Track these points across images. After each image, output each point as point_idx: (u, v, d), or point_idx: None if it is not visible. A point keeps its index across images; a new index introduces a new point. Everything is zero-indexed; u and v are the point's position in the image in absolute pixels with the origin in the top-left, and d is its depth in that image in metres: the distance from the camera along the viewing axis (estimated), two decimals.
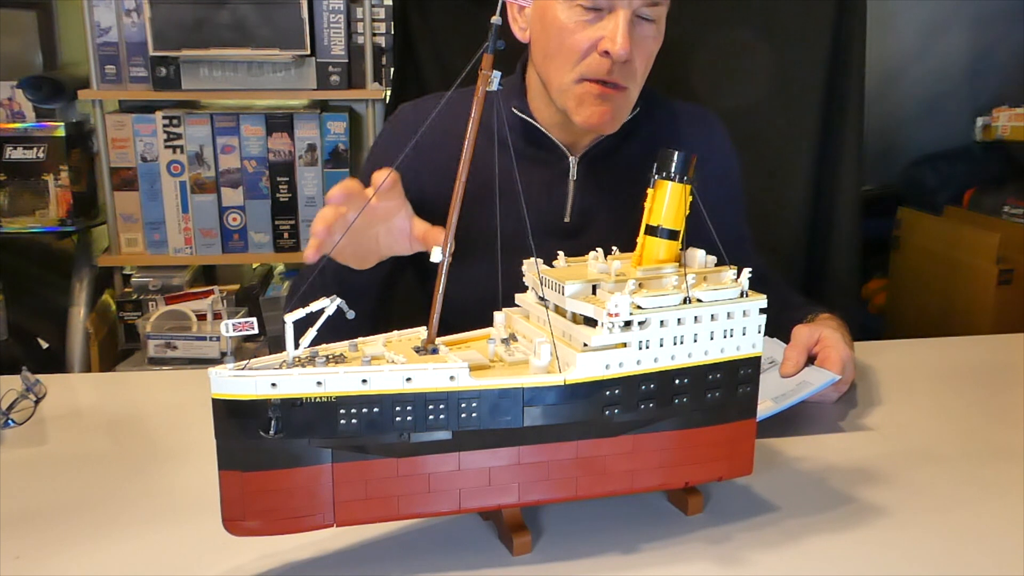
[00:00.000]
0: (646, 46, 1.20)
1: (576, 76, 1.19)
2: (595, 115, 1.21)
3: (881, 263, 2.95)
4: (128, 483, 1.01)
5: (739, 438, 0.91)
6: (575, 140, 1.31)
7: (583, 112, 1.21)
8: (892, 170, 2.99)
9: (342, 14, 2.34)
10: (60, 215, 2.43)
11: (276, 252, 2.48)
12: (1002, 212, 2.67)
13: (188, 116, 2.38)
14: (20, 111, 2.53)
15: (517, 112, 1.30)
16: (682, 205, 0.88)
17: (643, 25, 1.18)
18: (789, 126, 2.30)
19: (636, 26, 1.17)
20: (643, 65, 1.21)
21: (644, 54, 1.20)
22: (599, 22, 1.16)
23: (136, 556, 0.86)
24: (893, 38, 2.86)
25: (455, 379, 0.78)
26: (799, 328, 1.24)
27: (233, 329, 0.75)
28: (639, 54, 1.19)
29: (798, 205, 2.34)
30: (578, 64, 1.18)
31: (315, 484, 0.78)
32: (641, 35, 1.18)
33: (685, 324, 0.85)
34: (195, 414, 1.12)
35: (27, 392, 1.15)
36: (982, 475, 1.03)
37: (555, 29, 1.18)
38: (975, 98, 2.88)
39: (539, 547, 0.87)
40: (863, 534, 0.90)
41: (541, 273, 0.89)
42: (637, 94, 1.24)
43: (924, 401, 1.26)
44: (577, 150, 1.31)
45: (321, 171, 2.44)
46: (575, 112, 1.21)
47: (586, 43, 1.17)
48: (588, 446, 0.84)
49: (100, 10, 2.32)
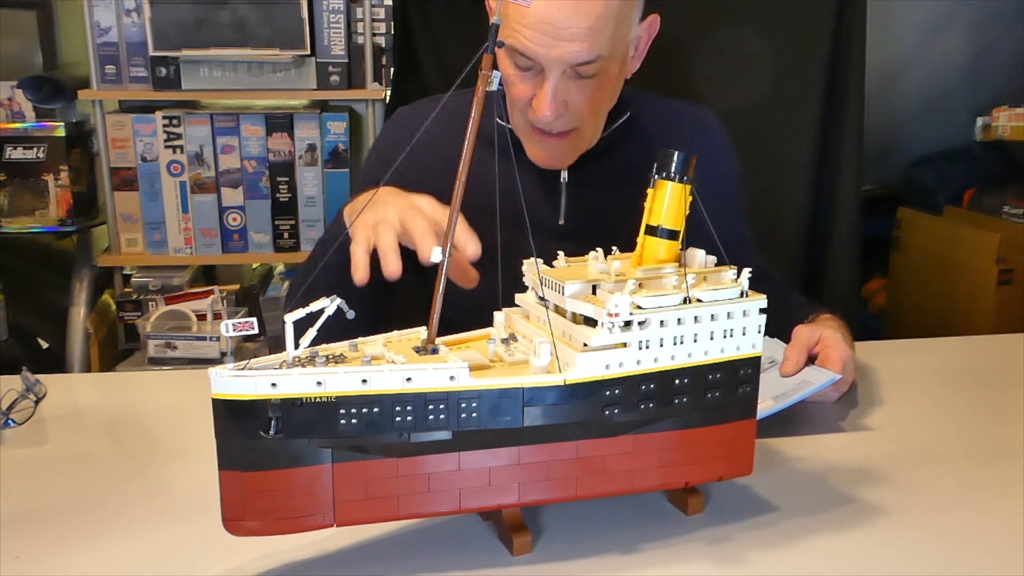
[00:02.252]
0: (587, 94, 1.17)
1: (523, 120, 1.21)
2: (542, 158, 1.25)
3: (881, 263, 2.95)
4: (128, 483, 1.01)
5: (739, 438, 0.91)
6: None
7: (532, 152, 1.25)
8: (892, 170, 2.99)
9: (342, 14, 2.34)
10: (60, 215, 2.43)
11: (276, 252, 2.48)
12: (1002, 212, 2.67)
13: (188, 116, 2.38)
14: (20, 111, 2.53)
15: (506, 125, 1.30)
16: (682, 205, 0.88)
17: (581, 72, 1.15)
18: (789, 126, 2.30)
19: (574, 81, 1.15)
20: (590, 107, 1.19)
21: (585, 100, 1.18)
22: (534, 79, 1.16)
23: (136, 556, 0.86)
24: (893, 38, 2.86)
25: (455, 379, 0.78)
26: (800, 328, 1.24)
27: (233, 329, 0.75)
28: (579, 101, 1.17)
29: (798, 205, 2.34)
30: (522, 110, 1.20)
31: (315, 484, 0.78)
32: (577, 88, 1.16)
33: (685, 324, 0.85)
34: (195, 414, 1.12)
35: (27, 392, 1.15)
36: (982, 475, 1.03)
37: (503, 75, 1.18)
38: (975, 98, 2.88)
39: (539, 547, 0.87)
40: (863, 534, 0.90)
41: (541, 273, 0.89)
42: (594, 127, 1.25)
43: (924, 401, 1.26)
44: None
45: (321, 171, 2.44)
46: (528, 150, 1.25)
47: (524, 97, 1.18)
48: (588, 446, 0.84)
49: (100, 10, 2.32)
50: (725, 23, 2.23)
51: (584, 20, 1.09)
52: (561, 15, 1.09)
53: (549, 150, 1.24)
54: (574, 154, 1.27)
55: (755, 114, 2.21)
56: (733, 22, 2.23)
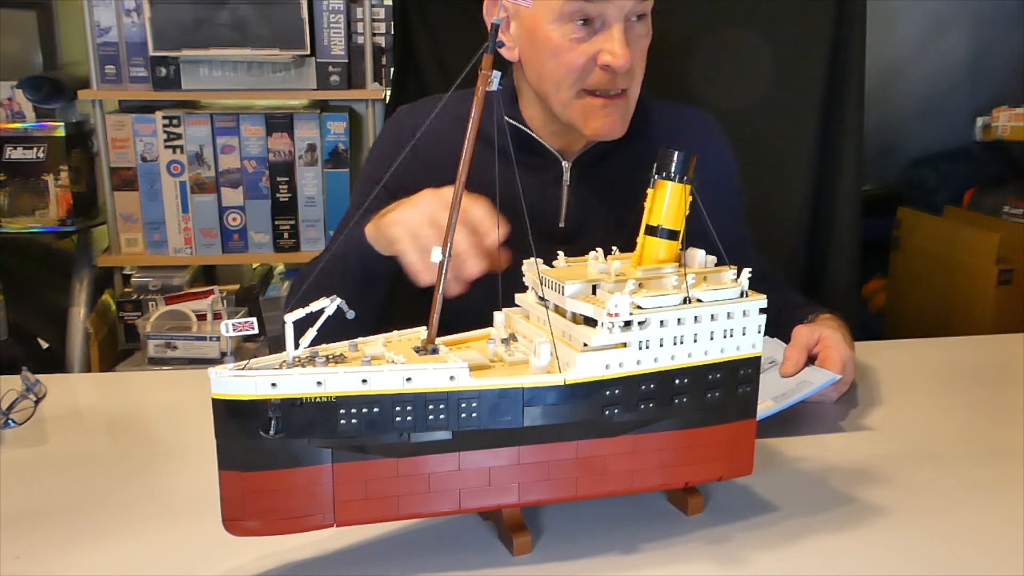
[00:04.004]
0: (640, 46, 1.21)
1: (576, 91, 1.20)
2: (605, 126, 1.22)
3: (881, 263, 2.95)
4: (128, 483, 1.01)
5: (739, 438, 0.91)
6: (567, 146, 1.31)
7: (592, 124, 1.22)
8: (892, 170, 2.99)
9: (342, 14, 2.34)
10: (60, 215, 2.43)
11: (276, 252, 2.48)
12: (1002, 212, 2.67)
13: (188, 116, 2.38)
14: (20, 111, 2.53)
15: (509, 119, 1.30)
16: (682, 205, 0.88)
17: (635, 26, 1.19)
18: (789, 126, 2.30)
19: (629, 30, 1.17)
20: (641, 65, 1.22)
21: (640, 54, 1.21)
22: (593, 36, 1.16)
23: (136, 556, 0.86)
24: (893, 38, 2.86)
25: (455, 379, 0.78)
26: (799, 328, 1.24)
27: (233, 329, 0.75)
28: (636, 56, 1.19)
29: (798, 205, 2.34)
30: (577, 80, 1.19)
31: (315, 484, 0.78)
32: (635, 36, 1.19)
33: (685, 324, 0.85)
34: (195, 414, 1.11)
35: (27, 392, 1.15)
36: (982, 475, 1.03)
37: (549, 49, 1.18)
38: (975, 98, 2.88)
39: (539, 547, 0.87)
40: (863, 534, 0.90)
41: (541, 273, 0.89)
42: (638, 92, 1.25)
43: (924, 401, 1.26)
44: (570, 155, 1.31)
45: (321, 171, 2.44)
46: (584, 125, 1.22)
47: (583, 59, 1.17)
48: (588, 446, 0.84)
49: (100, 10, 2.32)
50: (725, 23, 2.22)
51: None
52: None
53: (610, 115, 1.21)
54: (626, 121, 1.25)
55: (755, 114, 2.21)
56: (733, 22, 2.23)
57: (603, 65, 1.16)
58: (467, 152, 0.84)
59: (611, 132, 1.24)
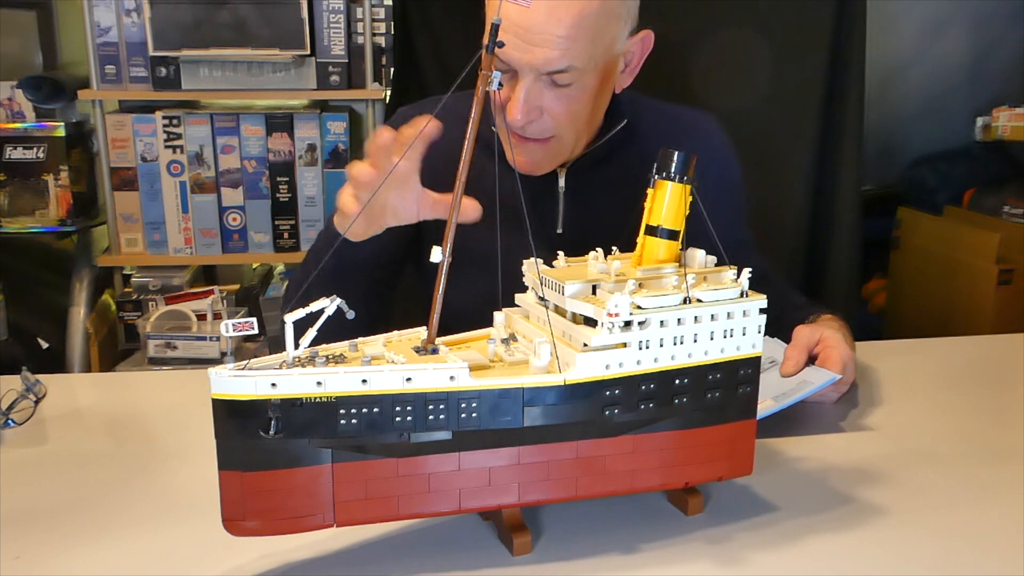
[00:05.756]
0: (565, 104, 1.16)
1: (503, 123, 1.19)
2: (523, 164, 1.22)
3: (881, 263, 2.95)
4: (128, 483, 1.01)
5: (739, 438, 0.91)
6: None
7: (515, 157, 1.22)
8: (892, 170, 2.99)
9: (342, 14, 2.34)
10: (60, 215, 2.43)
11: (276, 252, 2.48)
12: (1002, 212, 2.68)
13: (188, 116, 2.38)
14: (20, 111, 2.53)
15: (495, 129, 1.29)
16: (682, 205, 0.88)
17: (557, 89, 1.15)
18: (789, 126, 2.30)
19: (549, 89, 1.14)
20: (567, 116, 1.18)
21: (564, 110, 1.17)
22: (509, 82, 1.14)
23: (136, 556, 0.86)
24: (893, 38, 2.86)
25: (455, 379, 0.78)
26: (800, 328, 1.24)
27: (233, 329, 0.75)
28: (556, 109, 1.16)
29: (798, 205, 2.35)
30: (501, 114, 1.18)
31: (315, 484, 0.78)
32: (554, 96, 1.15)
33: (685, 324, 0.85)
34: (195, 414, 1.12)
35: (27, 392, 1.15)
36: (982, 475, 1.03)
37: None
38: (975, 98, 2.88)
39: (539, 547, 0.87)
40: (863, 534, 0.90)
41: (541, 273, 0.89)
42: (574, 137, 1.22)
43: (924, 401, 1.26)
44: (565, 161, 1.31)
45: (321, 171, 2.44)
46: (508, 155, 1.22)
47: (503, 100, 1.15)
48: (588, 446, 0.84)
49: (100, 10, 2.32)
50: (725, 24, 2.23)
51: (557, 27, 1.08)
52: (535, 20, 1.08)
53: (526, 155, 1.21)
54: (552, 162, 1.25)
55: (755, 115, 2.21)
56: (733, 23, 2.23)
57: None
58: (467, 152, 0.84)
59: (528, 169, 1.23)
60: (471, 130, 0.84)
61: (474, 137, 0.84)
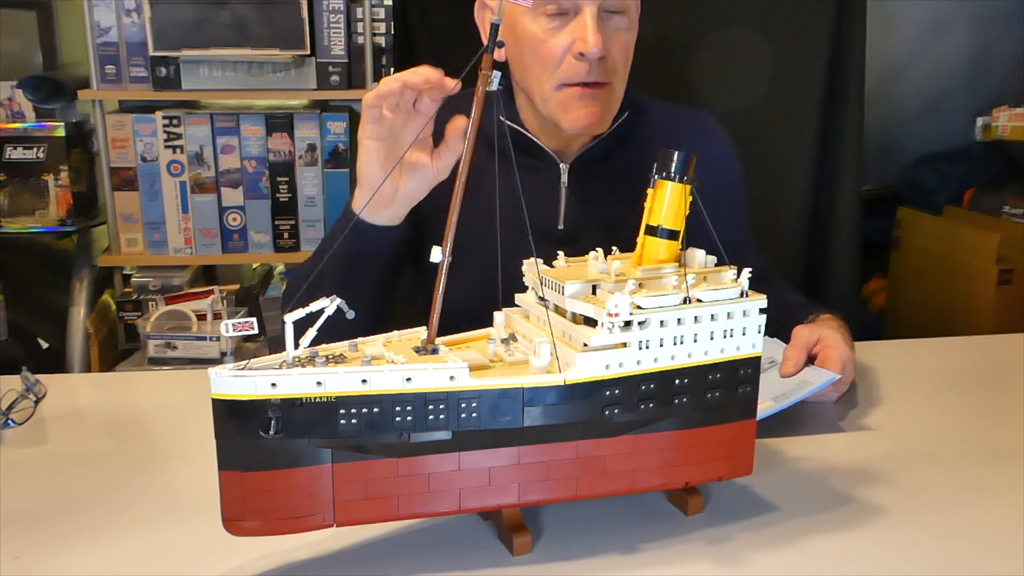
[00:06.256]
0: (620, 38, 1.20)
1: (555, 83, 1.20)
2: (582, 117, 1.21)
3: (881, 263, 2.95)
4: (128, 483, 1.01)
5: (739, 438, 0.91)
6: (565, 147, 1.31)
7: (570, 117, 1.21)
8: (892, 170, 2.99)
9: (342, 14, 2.34)
10: (60, 215, 2.43)
11: (276, 252, 2.48)
12: (1002, 212, 2.68)
13: (188, 116, 2.38)
14: (20, 111, 2.53)
15: (505, 121, 1.30)
16: (682, 205, 0.88)
17: (613, 18, 1.19)
18: (789, 126, 2.30)
19: (606, 21, 1.18)
20: (622, 57, 1.21)
21: (619, 46, 1.20)
22: (568, 26, 1.17)
23: (136, 556, 0.86)
24: (893, 38, 2.86)
25: (455, 379, 0.78)
26: (799, 328, 1.24)
27: (233, 329, 0.75)
28: (614, 47, 1.19)
29: (798, 205, 2.34)
30: (555, 71, 1.19)
31: (315, 484, 0.78)
32: (613, 28, 1.19)
33: (685, 324, 0.85)
34: (195, 414, 1.12)
35: (27, 392, 1.15)
36: (982, 475, 1.03)
37: (526, 41, 1.19)
38: (975, 98, 2.88)
39: (539, 547, 0.87)
40: (863, 534, 0.90)
41: (541, 273, 0.89)
42: (623, 88, 1.25)
43: (924, 401, 1.26)
44: (567, 157, 1.31)
45: (321, 171, 2.44)
46: (562, 118, 1.22)
47: (559, 49, 1.17)
48: (588, 446, 0.84)
49: (100, 10, 2.32)
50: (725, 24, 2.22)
51: None
52: None
53: (588, 106, 1.21)
54: (608, 115, 1.25)
55: (755, 114, 2.21)
56: (733, 23, 2.23)
57: (577, 54, 1.16)
58: (467, 152, 0.84)
59: (589, 125, 1.22)
60: (471, 130, 0.84)
61: (474, 137, 0.84)
